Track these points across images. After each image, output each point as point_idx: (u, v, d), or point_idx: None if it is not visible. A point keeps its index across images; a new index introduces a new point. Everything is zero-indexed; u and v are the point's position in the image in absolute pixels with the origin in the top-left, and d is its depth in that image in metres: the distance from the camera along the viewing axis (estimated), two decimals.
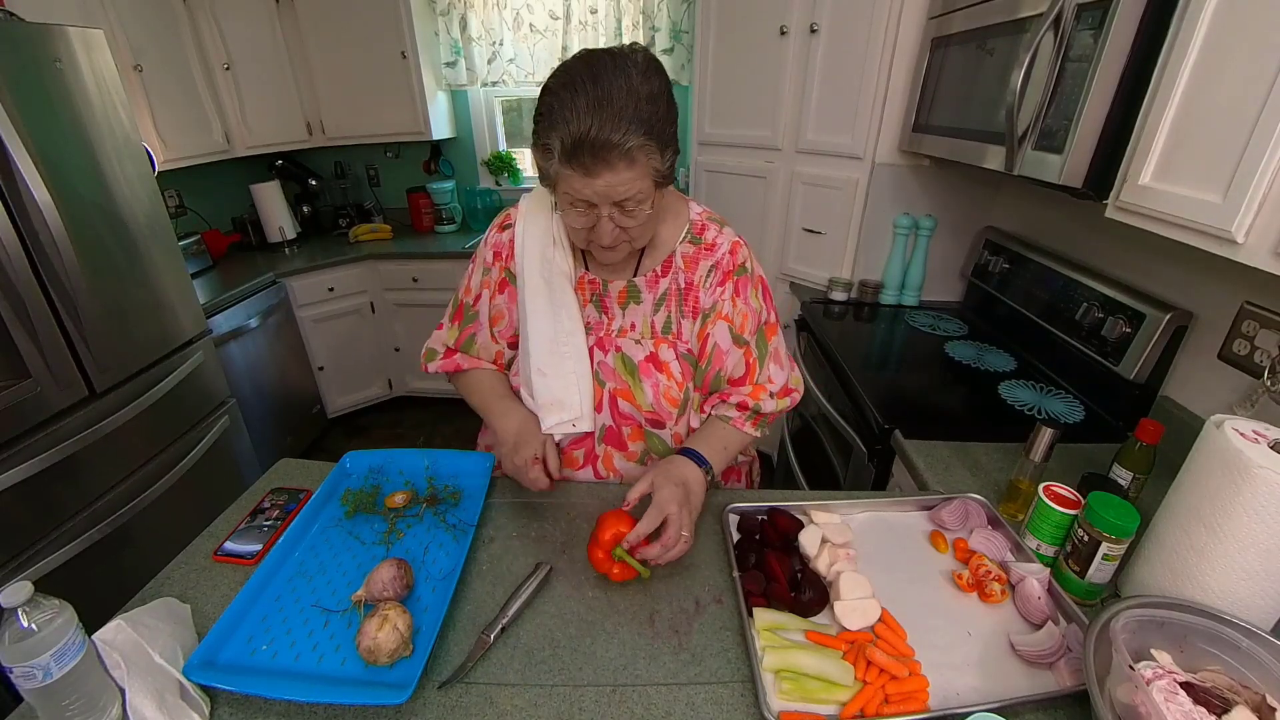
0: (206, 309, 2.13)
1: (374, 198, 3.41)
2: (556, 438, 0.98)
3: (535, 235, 0.96)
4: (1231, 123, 0.83)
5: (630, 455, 1.02)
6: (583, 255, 0.98)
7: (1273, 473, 0.66)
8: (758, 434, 1.01)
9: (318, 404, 2.97)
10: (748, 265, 0.98)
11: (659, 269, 0.97)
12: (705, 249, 0.96)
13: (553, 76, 0.77)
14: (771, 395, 0.98)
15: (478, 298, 1.03)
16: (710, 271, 0.96)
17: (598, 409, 0.99)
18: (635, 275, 0.98)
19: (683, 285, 0.97)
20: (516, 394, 1.02)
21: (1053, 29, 1.10)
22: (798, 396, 1.04)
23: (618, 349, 0.98)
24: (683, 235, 0.97)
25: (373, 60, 2.85)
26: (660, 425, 0.99)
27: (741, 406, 0.99)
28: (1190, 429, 0.80)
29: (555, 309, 0.95)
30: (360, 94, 2.92)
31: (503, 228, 1.01)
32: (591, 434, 1.01)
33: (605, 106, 0.72)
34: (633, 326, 0.98)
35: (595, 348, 0.98)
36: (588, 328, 0.98)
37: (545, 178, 0.82)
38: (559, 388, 0.95)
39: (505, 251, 1.00)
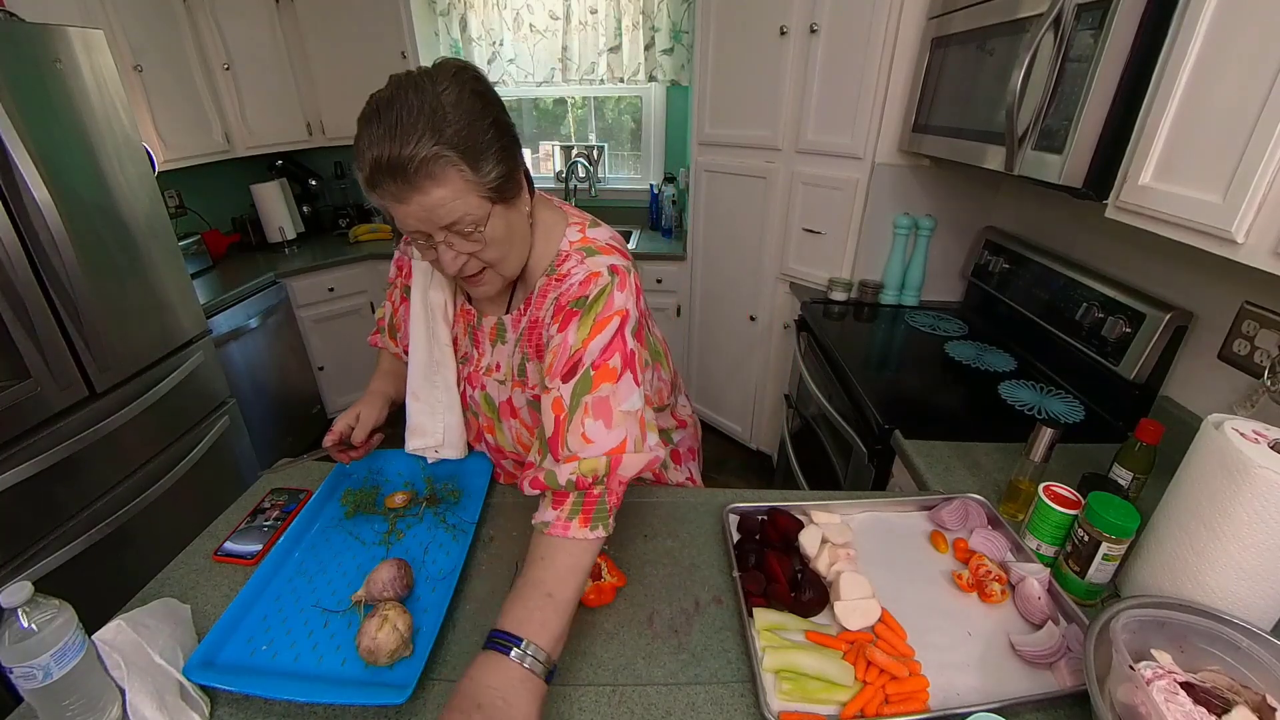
0: (206, 309, 2.13)
1: None
2: (429, 461, 1.01)
3: (422, 265, 0.93)
4: (1231, 123, 0.83)
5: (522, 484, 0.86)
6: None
7: (1273, 473, 0.66)
8: (597, 534, 0.71)
9: (318, 404, 2.97)
10: (591, 296, 0.78)
11: (523, 305, 0.87)
12: (556, 280, 0.82)
13: (362, 109, 0.71)
14: (580, 460, 0.72)
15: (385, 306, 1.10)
16: (551, 305, 0.82)
17: (476, 440, 1.01)
18: (508, 311, 0.90)
19: (531, 322, 0.86)
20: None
21: (1053, 29, 1.10)
22: (630, 464, 0.73)
23: (483, 386, 0.95)
24: (547, 264, 0.85)
25: (373, 60, 2.84)
26: (524, 466, 0.86)
27: (536, 484, 0.74)
28: (1190, 429, 0.80)
29: (430, 339, 0.95)
30: (361, 94, 2.78)
31: (408, 242, 0.81)
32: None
33: (397, 124, 0.65)
34: (498, 366, 0.93)
35: (466, 381, 0.97)
36: (464, 360, 0.97)
37: (386, 216, 0.75)
38: (425, 414, 0.98)
39: (406, 268, 1.01)
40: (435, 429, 0.97)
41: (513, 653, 0.61)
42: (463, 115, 0.68)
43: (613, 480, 0.73)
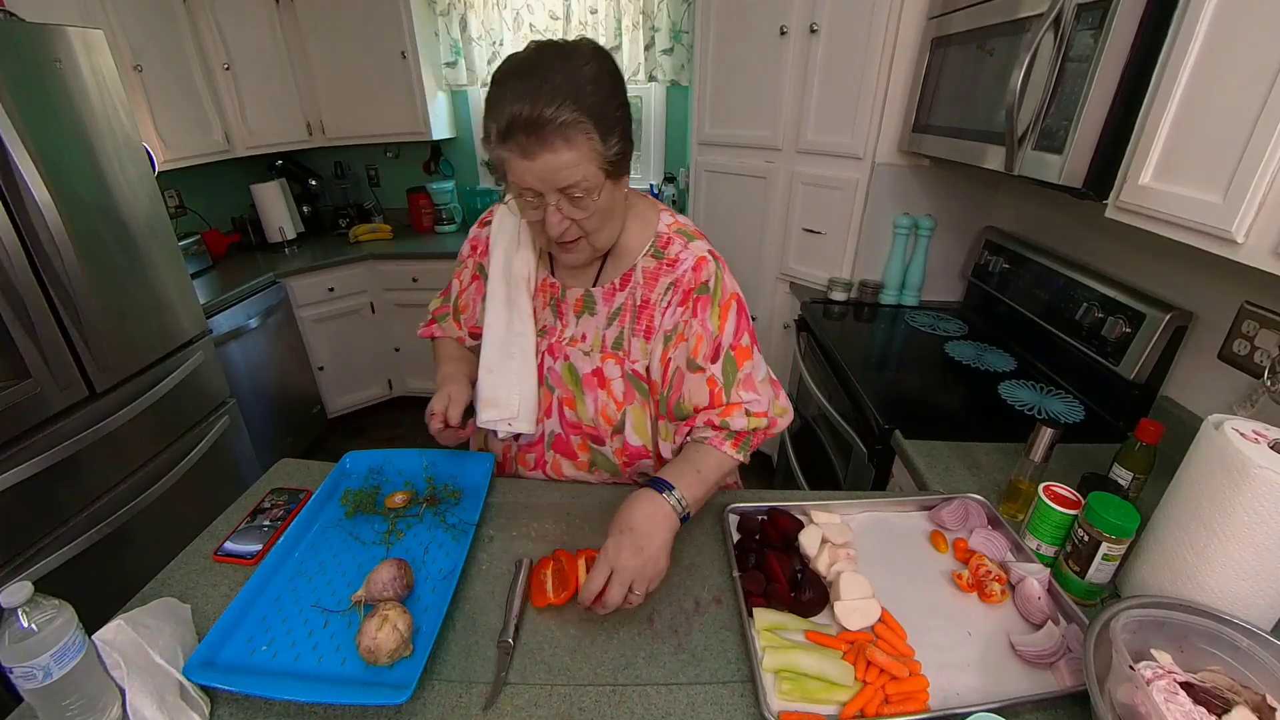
0: (206, 309, 2.13)
1: (374, 198, 3.41)
2: (500, 435, 1.00)
3: (504, 235, 0.98)
4: (1231, 123, 0.83)
5: (580, 464, 1.03)
6: (549, 259, 0.99)
7: (1272, 473, 0.66)
8: (740, 457, 0.92)
9: (318, 404, 2.97)
10: (710, 284, 0.90)
11: (618, 281, 0.93)
12: (667, 264, 0.91)
13: (498, 68, 0.77)
14: (748, 413, 0.90)
15: (453, 284, 1.11)
16: (669, 290, 0.91)
17: (547, 414, 1.00)
18: (595, 284, 0.95)
19: (638, 302, 0.92)
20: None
21: (1053, 29, 1.10)
22: (781, 423, 0.94)
23: (566, 357, 0.96)
24: (647, 248, 0.92)
25: (373, 60, 2.85)
26: (600, 442, 0.99)
27: (711, 425, 0.91)
28: (1190, 429, 0.80)
29: (510, 310, 0.97)
30: (360, 94, 2.92)
31: (483, 224, 1.04)
32: (540, 439, 1.02)
33: (540, 86, 0.71)
34: (584, 337, 0.96)
35: (547, 353, 0.98)
36: (543, 332, 0.98)
37: (494, 171, 0.80)
38: (500, 387, 0.97)
39: (481, 247, 1.04)
40: (511, 400, 0.96)
41: (664, 493, 0.80)
42: (601, 90, 0.75)
43: (760, 436, 0.93)
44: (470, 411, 0.99)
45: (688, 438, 0.94)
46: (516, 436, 1.02)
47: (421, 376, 3.23)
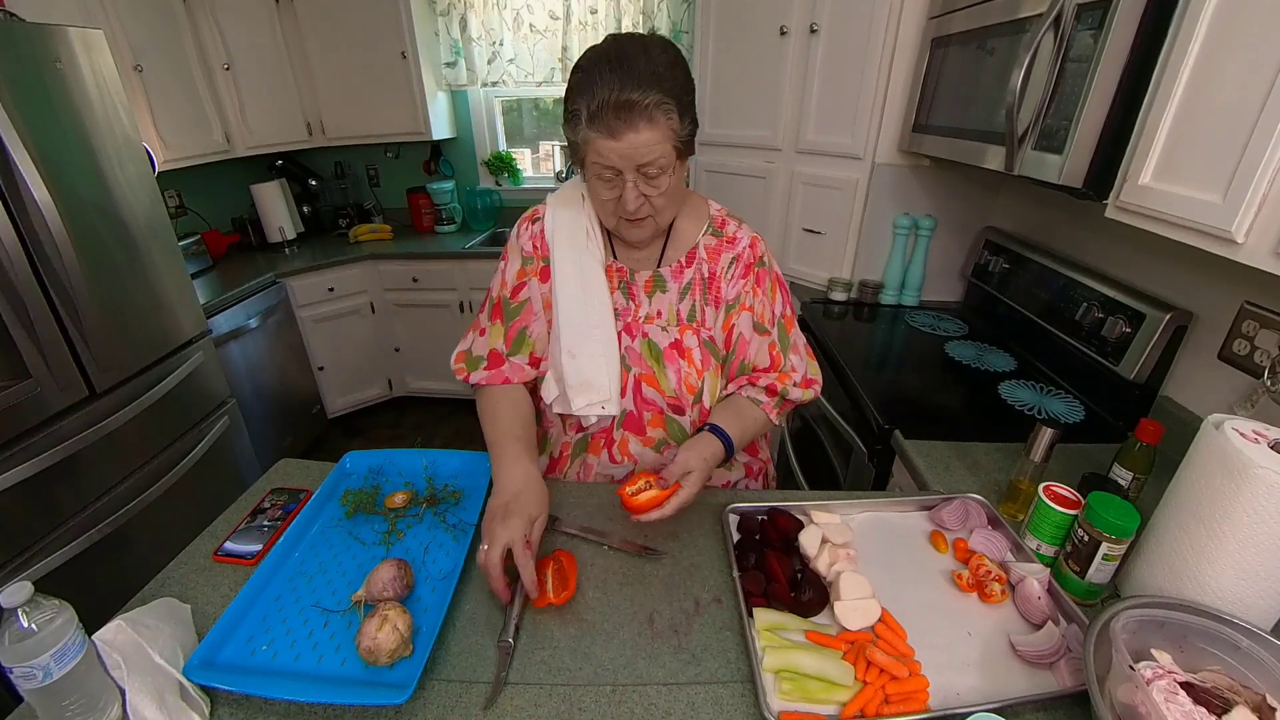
0: (206, 309, 2.13)
1: (374, 198, 3.41)
2: (588, 420, 1.00)
3: (565, 223, 1.00)
4: (1231, 122, 0.83)
5: (647, 441, 1.04)
6: (611, 247, 1.02)
7: (1273, 473, 0.66)
8: (777, 423, 1.06)
9: (318, 404, 2.97)
10: (766, 260, 1.02)
11: (683, 260, 1.01)
12: (727, 241, 1.01)
13: (582, 57, 0.84)
14: (796, 384, 1.02)
15: (517, 289, 1.01)
16: (732, 263, 1.01)
17: (622, 394, 1.00)
18: (660, 266, 1.02)
19: (706, 275, 1.01)
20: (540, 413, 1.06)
21: (1053, 29, 1.10)
22: (819, 387, 1.07)
23: (644, 334, 1.01)
24: (704, 229, 1.02)
25: (373, 60, 2.85)
26: (680, 412, 1.02)
27: (770, 390, 1.02)
28: (1190, 429, 0.80)
29: (586, 293, 0.98)
30: (360, 94, 2.92)
31: (533, 220, 1.04)
32: (612, 420, 1.03)
33: (628, 74, 0.78)
34: (659, 314, 1.01)
35: (623, 333, 1.01)
36: (616, 313, 1.01)
37: (575, 152, 0.87)
38: (589, 369, 0.97)
39: (539, 242, 1.02)
40: (602, 383, 0.97)
41: (728, 443, 0.94)
42: (678, 75, 0.83)
43: (791, 406, 1.06)
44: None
45: (740, 391, 1.04)
46: (580, 426, 1.04)
47: (421, 376, 3.23)
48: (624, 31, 0.86)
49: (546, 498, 0.86)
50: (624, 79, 0.78)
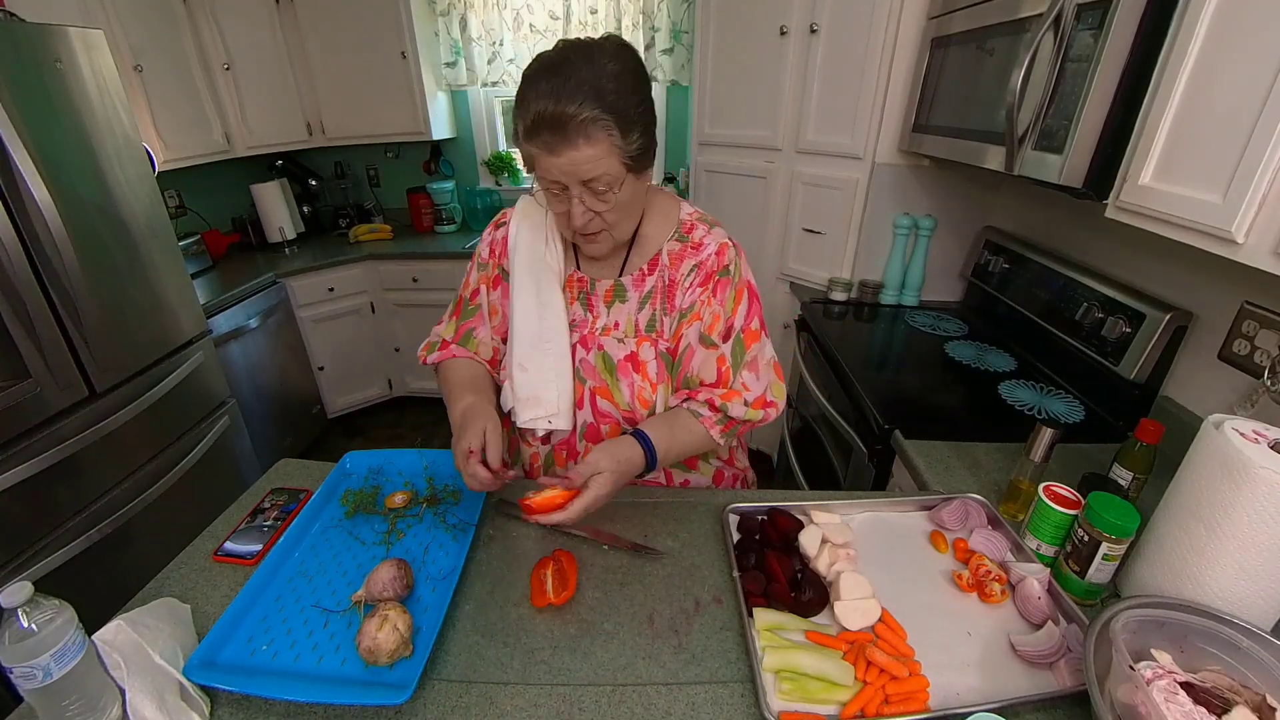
0: (206, 309, 2.13)
1: (374, 198, 3.41)
2: (539, 432, 0.99)
3: (527, 233, 0.98)
4: (1231, 122, 0.83)
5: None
6: (574, 254, 1.00)
7: (1273, 473, 0.66)
8: (721, 441, 0.97)
9: (318, 404, 2.97)
10: (731, 268, 0.95)
11: (645, 267, 0.97)
12: (691, 247, 0.95)
13: (528, 65, 0.80)
14: (746, 403, 0.94)
15: (475, 293, 1.05)
16: (692, 271, 0.95)
17: (579, 405, 1.00)
18: (622, 275, 0.98)
19: (667, 282, 0.96)
20: (499, 391, 1.02)
21: (1053, 29, 1.10)
22: (773, 412, 0.98)
23: (600, 347, 0.98)
24: (671, 233, 0.97)
25: (373, 60, 2.85)
26: (635, 424, 0.99)
27: (710, 405, 0.94)
28: (1190, 429, 0.80)
29: (541, 306, 0.97)
30: (360, 94, 2.92)
31: (498, 225, 1.04)
32: (573, 432, 1.01)
33: (565, 84, 0.74)
34: (616, 325, 0.98)
35: (578, 345, 0.98)
36: (572, 325, 0.99)
37: (527, 164, 0.83)
38: (538, 384, 0.97)
39: (499, 249, 1.02)
40: (550, 397, 0.97)
41: (648, 452, 0.88)
42: (623, 87, 0.77)
43: (747, 426, 0.98)
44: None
45: (683, 404, 0.97)
46: (546, 438, 1.03)
47: (422, 377, 3.23)
48: (576, 39, 0.80)
49: (495, 416, 0.91)
50: (559, 91, 0.74)
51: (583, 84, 0.74)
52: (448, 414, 0.96)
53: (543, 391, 0.97)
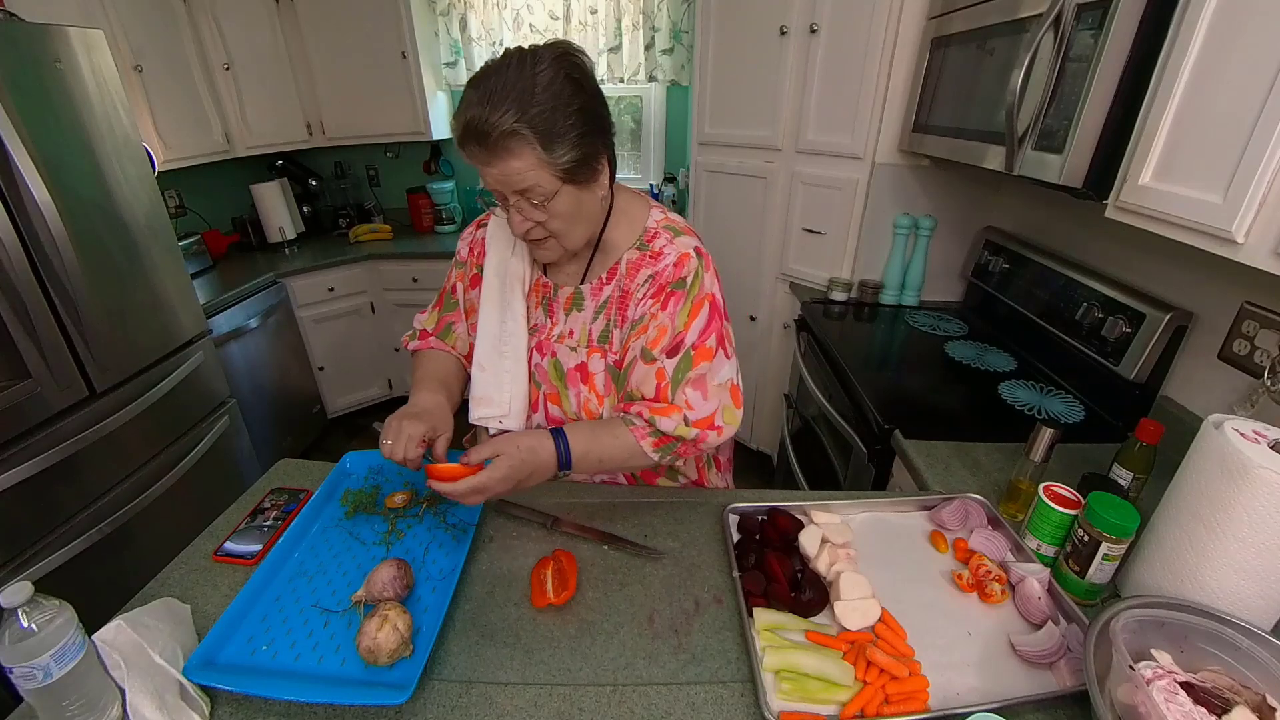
0: (206, 309, 2.13)
1: (374, 198, 3.41)
2: (491, 431, 1.00)
3: (499, 238, 1.00)
4: (1231, 122, 0.83)
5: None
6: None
7: (1272, 473, 0.66)
8: (655, 458, 0.90)
9: (318, 404, 2.97)
10: (689, 280, 0.89)
11: (605, 275, 0.95)
12: (650, 256, 0.91)
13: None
14: (686, 421, 0.88)
15: (454, 288, 1.08)
16: (647, 281, 0.91)
17: (534, 409, 1.01)
18: (583, 282, 0.97)
19: (622, 292, 0.94)
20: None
21: (1053, 29, 1.10)
22: (714, 436, 0.91)
23: (553, 354, 0.99)
24: (634, 241, 0.94)
25: (373, 60, 2.85)
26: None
27: (641, 416, 0.89)
28: (1190, 429, 0.80)
29: (502, 309, 0.98)
30: (360, 94, 2.92)
31: (479, 225, 1.06)
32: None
33: (491, 94, 0.73)
34: (571, 333, 0.98)
35: (535, 350, 1.00)
36: (533, 330, 1.00)
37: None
38: (493, 385, 0.99)
39: (478, 249, 1.04)
40: (502, 399, 0.98)
41: (556, 441, 0.84)
42: (550, 98, 0.74)
43: (689, 447, 0.91)
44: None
45: (619, 414, 0.93)
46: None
47: None
48: (522, 46, 0.77)
49: (451, 422, 0.92)
50: (485, 100, 0.72)
51: (509, 93, 0.72)
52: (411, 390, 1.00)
53: (496, 393, 0.98)
